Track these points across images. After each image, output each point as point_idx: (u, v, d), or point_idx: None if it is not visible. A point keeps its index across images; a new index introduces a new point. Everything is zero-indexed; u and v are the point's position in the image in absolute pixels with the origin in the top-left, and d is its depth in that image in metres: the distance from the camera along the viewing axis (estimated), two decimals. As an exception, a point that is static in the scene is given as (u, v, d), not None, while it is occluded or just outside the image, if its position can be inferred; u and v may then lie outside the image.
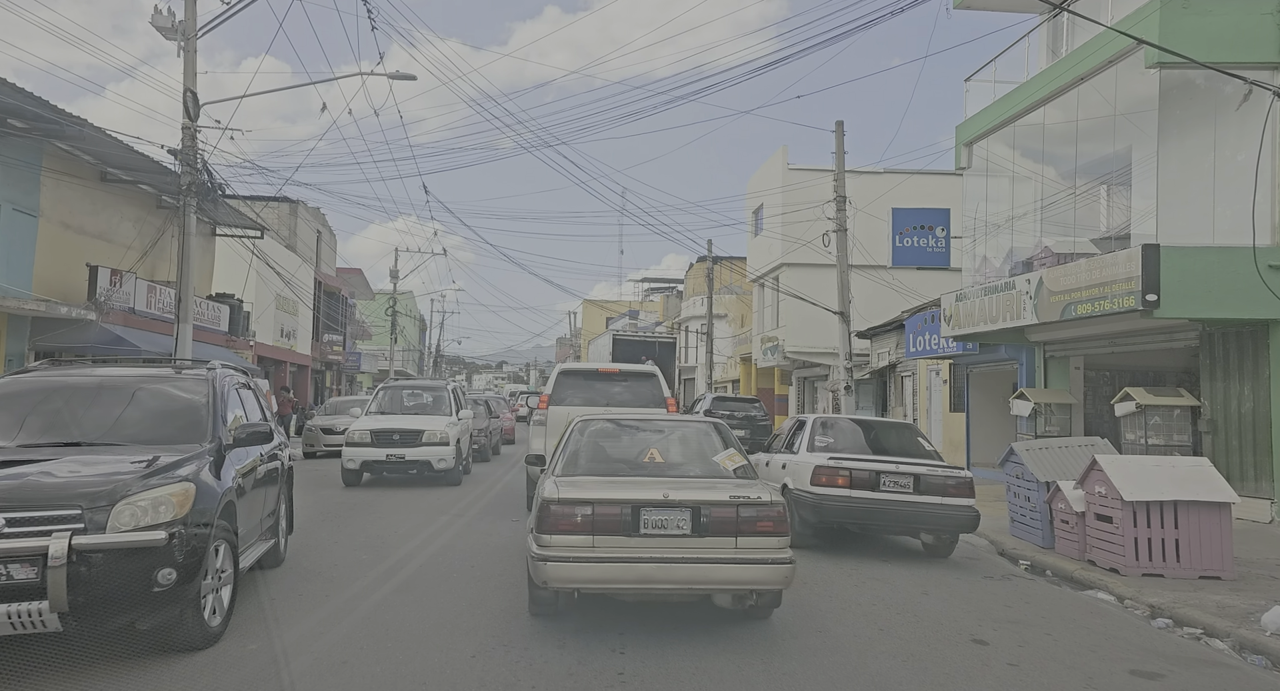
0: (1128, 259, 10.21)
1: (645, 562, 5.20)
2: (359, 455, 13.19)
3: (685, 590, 5.37)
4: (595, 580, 5.27)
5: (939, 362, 20.60)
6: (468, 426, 15.48)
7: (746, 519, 5.32)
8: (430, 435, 13.39)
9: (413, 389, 15.79)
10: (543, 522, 5.35)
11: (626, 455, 6.30)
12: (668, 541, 5.28)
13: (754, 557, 5.28)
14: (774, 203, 27.97)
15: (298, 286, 29.33)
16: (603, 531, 5.28)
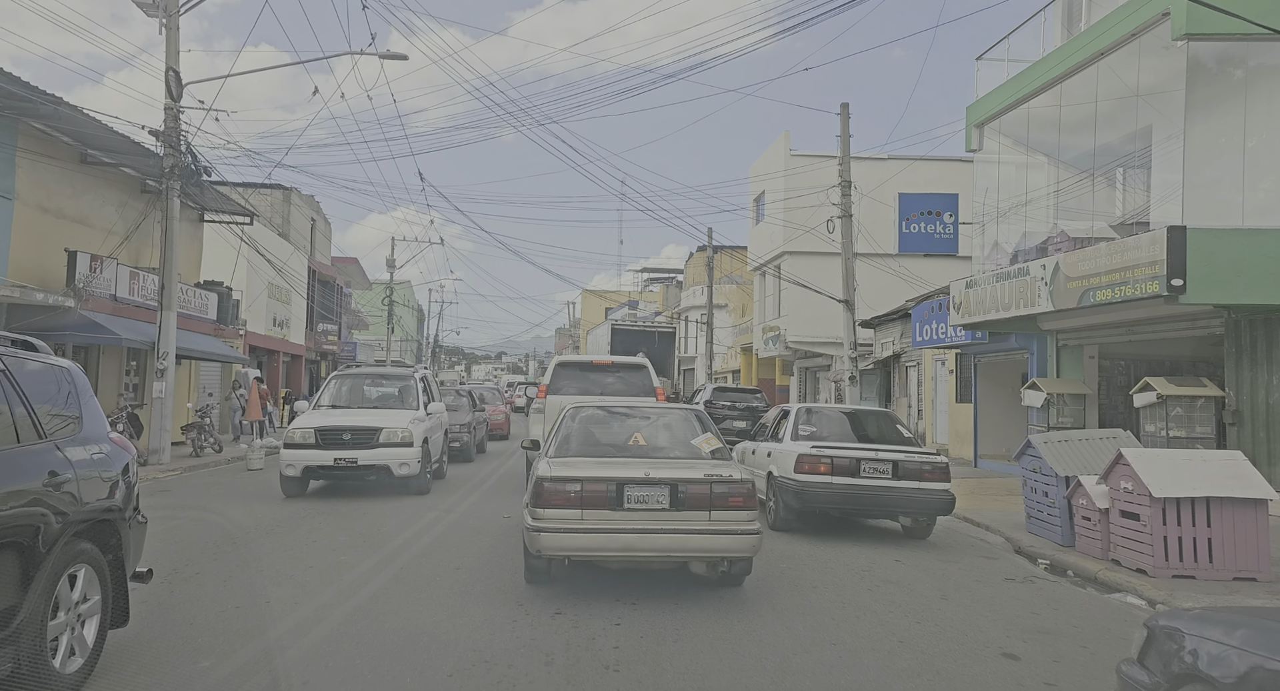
0: (1151, 242, 9.69)
1: (628, 533, 5.85)
2: (300, 459, 10.84)
3: (664, 557, 6.04)
4: (583, 548, 5.93)
5: (945, 352, 20.09)
6: (440, 421, 13.29)
7: (719, 494, 5.96)
8: (389, 434, 10.99)
9: (373, 377, 13.19)
10: (537, 498, 5.97)
11: (614, 438, 6.95)
12: (648, 514, 5.92)
13: (725, 529, 5.94)
14: (776, 189, 27.40)
15: (291, 275, 28.77)
16: (590, 505, 5.91)
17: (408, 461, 10.97)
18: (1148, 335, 12.21)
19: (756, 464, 10.58)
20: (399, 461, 10.92)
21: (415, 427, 11.27)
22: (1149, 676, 3.20)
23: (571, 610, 5.73)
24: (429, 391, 13.12)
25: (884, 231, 21.73)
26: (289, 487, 11.01)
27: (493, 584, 6.44)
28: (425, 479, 11.41)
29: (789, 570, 7.37)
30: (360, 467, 10.88)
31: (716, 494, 5.96)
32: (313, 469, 10.88)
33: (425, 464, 11.39)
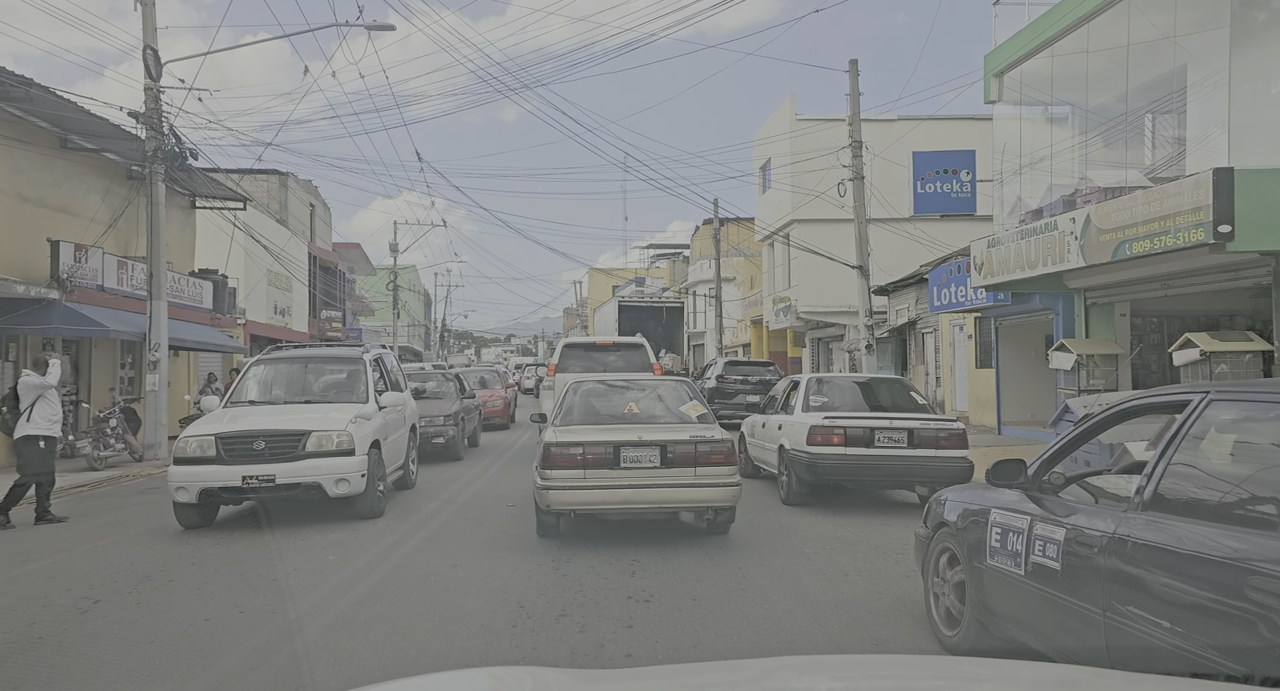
0: (1195, 186, 8.95)
1: (625, 488, 6.79)
2: (195, 479, 7.85)
3: (657, 508, 7.11)
4: (586, 503, 6.88)
5: (963, 317, 19.39)
6: (403, 416, 10.34)
7: (703, 453, 6.86)
8: (321, 439, 8.08)
9: (308, 362, 10.02)
10: (546, 461, 6.86)
11: (611, 408, 7.83)
12: (642, 472, 6.82)
13: (709, 482, 6.88)
14: (782, 156, 26.55)
15: (290, 261, 28.21)
16: (592, 466, 6.80)
17: (347, 475, 8.07)
18: (1186, 289, 11.49)
19: (767, 437, 10.47)
20: (335, 475, 8.01)
21: (359, 429, 8.38)
22: (925, 530, 4.85)
23: (578, 613, 5.17)
24: (388, 378, 10.17)
25: (897, 194, 20.94)
26: (185, 517, 8.04)
27: None
28: (375, 497, 8.44)
29: (816, 554, 6.79)
30: (280, 487, 7.93)
31: (701, 452, 6.87)
32: (214, 491, 7.92)
33: (376, 476, 8.48)
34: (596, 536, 7.41)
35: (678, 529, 7.78)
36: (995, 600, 4.03)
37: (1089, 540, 3.38)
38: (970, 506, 4.39)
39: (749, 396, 19.51)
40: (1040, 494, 3.91)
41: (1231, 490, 3.12)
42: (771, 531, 7.77)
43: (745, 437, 11.82)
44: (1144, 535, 3.12)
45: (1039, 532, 3.71)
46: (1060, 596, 3.48)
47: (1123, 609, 3.13)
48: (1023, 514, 3.87)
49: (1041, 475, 3.98)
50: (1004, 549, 3.93)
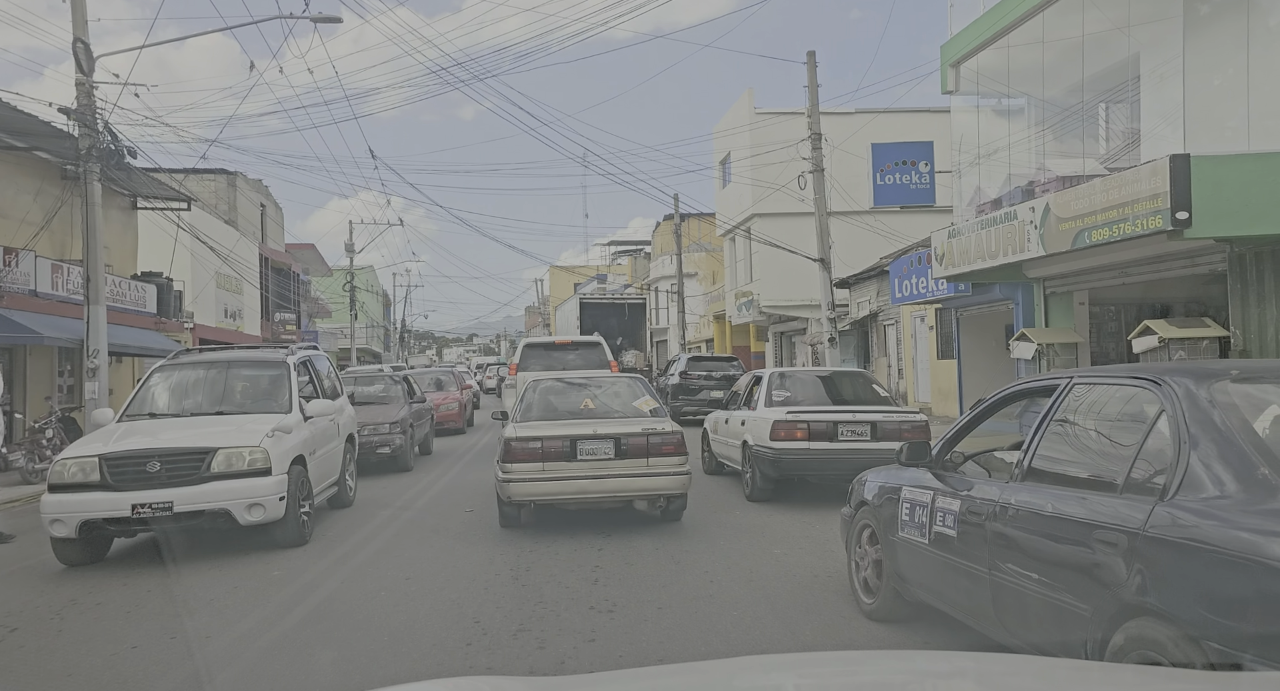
0: (1152, 173, 8.95)
1: (582, 479, 7.16)
2: (75, 509, 6.57)
3: (612, 497, 7.40)
4: (546, 494, 7.21)
5: (924, 308, 19.45)
6: (335, 427, 9.00)
7: (655, 444, 7.25)
8: (230, 458, 6.83)
9: (220, 367, 8.58)
10: (506, 455, 7.25)
11: (569, 404, 8.15)
12: (598, 463, 7.19)
13: (661, 472, 7.27)
14: (742, 149, 26.46)
15: (240, 263, 27.37)
16: (550, 459, 7.15)
17: (262, 499, 6.82)
18: (1143, 277, 11.56)
19: (730, 433, 10.15)
20: (247, 500, 6.77)
21: (277, 444, 7.15)
22: (849, 509, 5.26)
23: (537, 627, 4.89)
24: (318, 383, 9.05)
25: (857, 187, 20.97)
26: (65, 553, 6.81)
27: None
28: (297, 523, 7.22)
29: (784, 555, 6.60)
30: (180, 517, 6.66)
31: (653, 443, 7.27)
32: (97, 523, 6.61)
33: (299, 498, 7.29)
34: (558, 541, 7.14)
35: (642, 531, 7.53)
36: (905, 568, 4.47)
37: (979, 508, 3.81)
38: (885, 485, 4.84)
39: (713, 392, 19.36)
40: (943, 471, 4.33)
41: (1086, 460, 3.57)
42: (738, 531, 7.57)
43: (708, 434, 11.67)
44: (1019, 501, 3.55)
45: (940, 505, 4.14)
46: (956, 560, 3.93)
47: (1003, 566, 3.56)
48: (927, 489, 4.29)
49: (944, 454, 4.40)
50: (912, 521, 4.38)
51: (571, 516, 8.05)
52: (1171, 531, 2.77)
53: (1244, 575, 2.50)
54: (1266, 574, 2.42)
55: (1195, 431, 2.90)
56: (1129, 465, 3.14)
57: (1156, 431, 3.11)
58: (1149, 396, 3.21)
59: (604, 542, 7.06)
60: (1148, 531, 2.84)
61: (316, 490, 7.99)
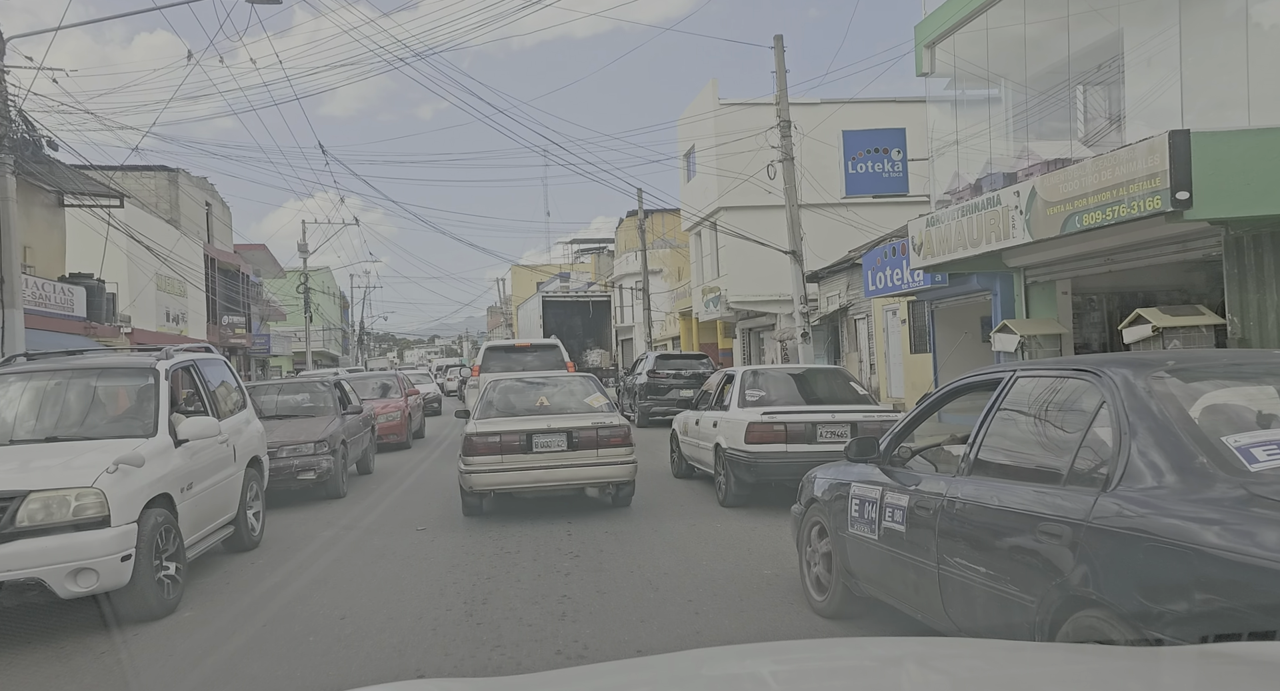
0: (1150, 152, 8.41)
1: (538, 469, 7.81)
2: None
3: (566, 485, 8.13)
4: (504, 483, 7.88)
5: (896, 301, 18.97)
6: (229, 449, 7.08)
7: (604, 436, 7.93)
8: (48, 505, 5.00)
9: (69, 376, 6.59)
10: (467, 449, 7.91)
11: (525, 402, 8.69)
12: (551, 455, 7.82)
13: (609, 461, 7.95)
14: (707, 142, 25.80)
15: (182, 264, 25.98)
16: (508, 451, 7.77)
17: (94, 562, 4.95)
18: (1130, 264, 11.09)
19: (701, 435, 9.76)
20: (70, 564, 4.89)
21: (122, 483, 5.25)
22: (799, 506, 5.21)
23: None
24: (205, 395, 7.08)
25: (827, 178, 20.45)
26: None
27: None
28: (155, 588, 5.36)
29: (776, 577, 5.88)
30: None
31: (601, 436, 7.96)
32: None
33: (156, 554, 5.45)
34: (520, 562, 6.35)
35: (613, 548, 6.78)
36: (855, 564, 4.45)
37: (926, 503, 3.80)
38: (835, 482, 4.79)
39: (683, 391, 18.66)
40: (891, 466, 4.32)
41: (1029, 452, 3.58)
42: (720, 546, 6.86)
43: (677, 436, 11.07)
44: (965, 494, 3.55)
45: (888, 501, 4.13)
46: (905, 555, 3.92)
47: (951, 560, 3.55)
48: (876, 485, 4.27)
49: (892, 450, 4.37)
50: (862, 518, 4.35)
51: (534, 528, 7.31)
52: (1114, 522, 2.78)
53: (1183, 563, 2.52)
54: (1203, 560, 2.46)
55: (1134, 421, 2.91)
56: (1072, 457, 3.16)
57: (1098, 422, 3.11)
58: (1089, 388, 3.21)
59: (571, 565, 6.28)
60: (1091, 522, 2.84)
61: (197, 536, 6.17)
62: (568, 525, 7.80)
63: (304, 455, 9.76)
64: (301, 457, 9.70)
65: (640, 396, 18.97)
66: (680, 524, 7.85)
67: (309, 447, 9.86)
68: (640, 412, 18.96)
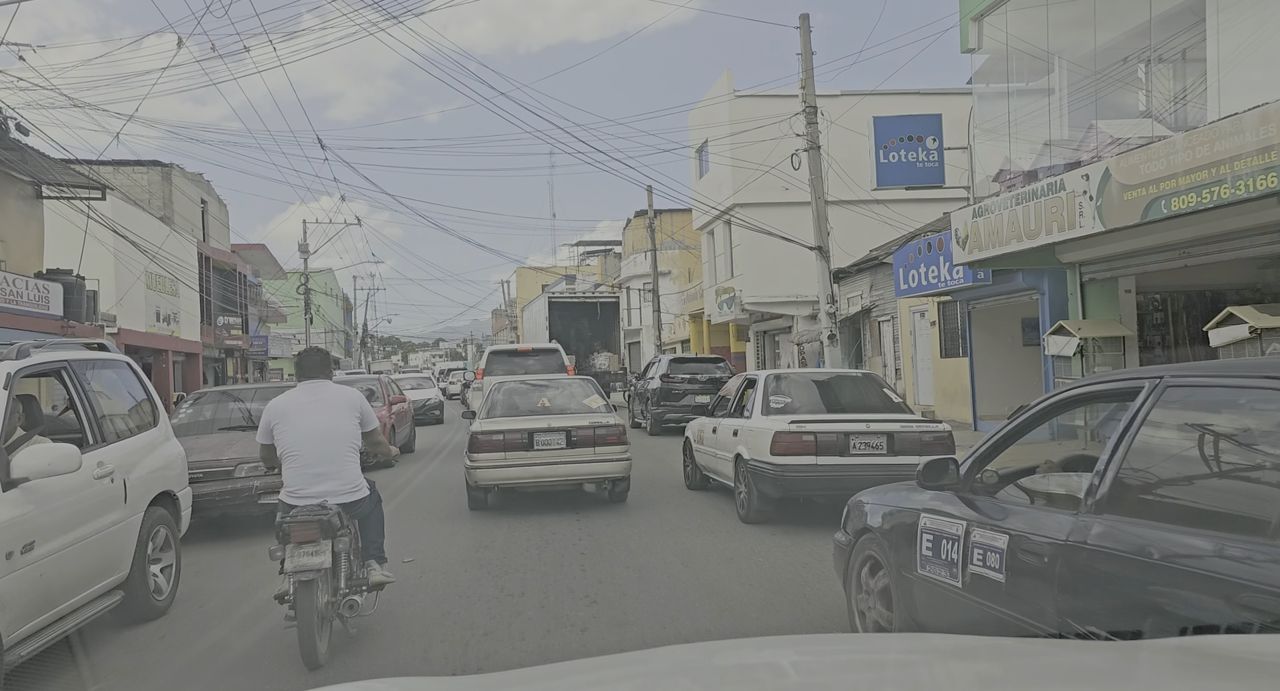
0: (1262, 121, 7.23)
1: (538, 465, 8.52)
2: None
3: (565, 480, 8.75)
4: (507, 479, 8.58)
5: (925, 302, 17.78)
6: (106, 491, 5.01)
7: (600, 435, 8.58)
8: None
9: None
10: (473, 446, 8.60)
11: (528, 403, 9.17)
12: (551, 452, 8.52)
13: (605, 459, 8.60)
14: (721, 132, 24.65)
15: (174, 262, 24.90)
16: (511, 449, 8.47)
17: None
18: (1210, 258, 9.89)
19: (719, 445, 9.09)
20: None
21: None
22: (845, 536, 4.48)
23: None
24: (85, 409, 5.23)
25: (847, 173, 19.26)
26: None
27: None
28: None
29: (822, 616, 4.68)
30: None
31: (598, 435, 8.39)
32: None
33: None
34: (527, 594, 5.19)
35: (636, 581, 5.62)
36: (928, 614, 3.70)
37: (1037, 547, 3.07)
38: (896, 510, 4.04)
39: (698, 397, 17.46)
40: (973, 495, 3.60)
41: (1201, 488, 2.88)
42: (750, 573, 5.86)
43: (691, 444, 10.17)
44: (1102, 541, 2.80)
45: (978, 540, 3.36)
46: (1004, 611, 3.20)
47: (1081, 627, 2.81)
48: (957, 518, 3.54)
49: (974, 474, 3.68)
50: (937, 557, 3.59)
51: (547, 552, 6.15)
52: None
53: None
54: None
55: None
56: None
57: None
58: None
59: (588, 617, 5.08)
60: None
61: (42, 619, 4.25)
62: (581, 558, 6.63)
63: (266, 474, 7.66)
64: (264, 477, 7.78)
65: (653, 402, 17.77)
66: (703, 543, 7.11)
67: (249, 481, 7.83)
68: (653, 419, 17.77)
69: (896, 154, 14.56)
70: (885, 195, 18.07)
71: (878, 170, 14.57)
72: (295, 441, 4.65)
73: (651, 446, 15.65)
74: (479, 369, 14.52)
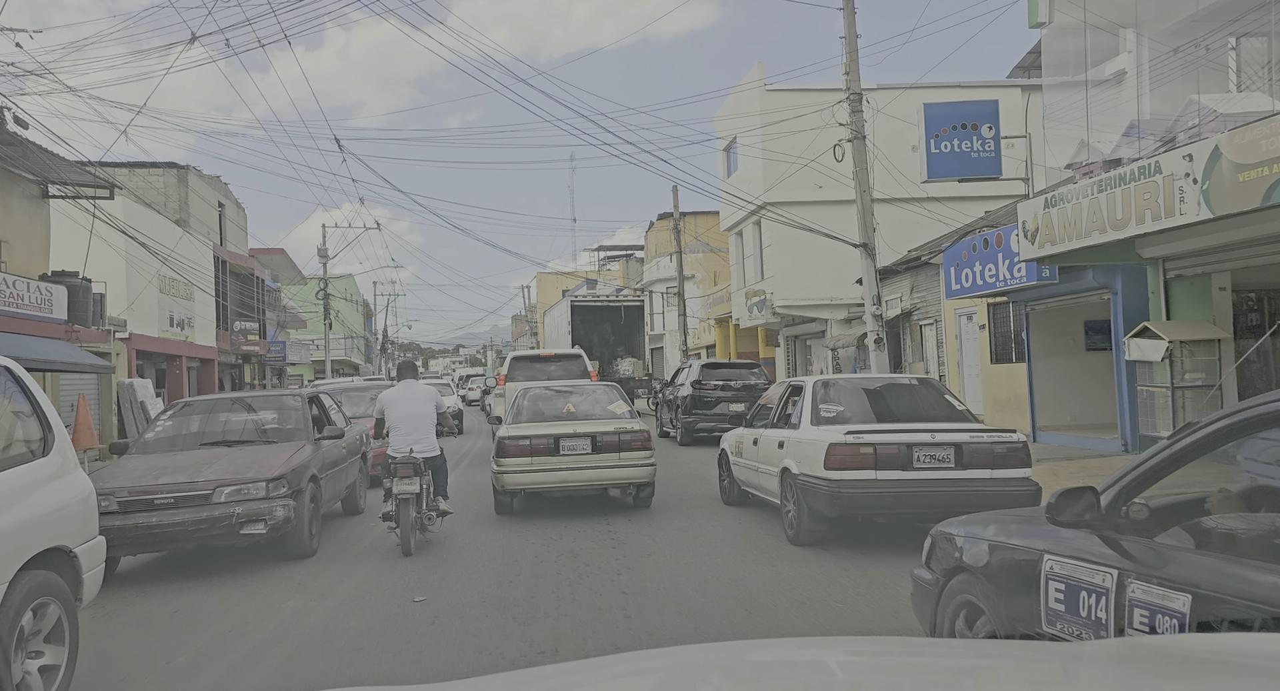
0: None
1: (564, 470, 8.54)
2: None
3: (590, 485, 8.84)
4: (533, 483, 8.60)
5: (974, 304, 16.65)
6: None
7: (625, 441, 8.60)
8: None
9: None
10: (500, 451, 8.64)
11: (553, 409, 9.42)
12: (577, 457, 8.53)
13: (630, 464, 8.61)
14: (751, 128, 23.63)
15: (189, 266, 24.26)
16: (537, 454, 8.51)
17: None
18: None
19: (761, 458, 8.29)
20: None
21: None
22: (931, 574, 3.72)
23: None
24: None
25: (893, 167, 18.19)
26: None
27: None
28: None
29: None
30: None
31: (623, 440, 8.61)
32: None
33: None
34: (554, 629, 4.17)
35: (696, 634, 4.61)
36: None
37: (1239, 614, 2.31)
38: (1002, 547, 3.27)
39: (733, 405, 16.42)
40: (1117, 535, 2.81)
41: None
42: (826, 619, 4.72)
43: (728, 457, 9.45)
44: None
45: (1138, 596, 2.58)
46: None
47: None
48: (1102, 567, 2.74)
49: (1118, 509, 2.85)
50: (1072, 613, 2.83)
51: (581, 589, 5.19)
52: None
53: None
54: None
55: None
56: None
57: None
58: None
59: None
60: None
61: None
62: (623, 599, 5.62)
63: (250, 498, 6.74)
64: (247, 503, 6.69)
65: (683, 410, 16.74)
66: (751, 569, 6.39)
67: (259, 489, 6.78)
68: (683, 429, 16.73)
69: (949, 143, 13.46)
70: (932, 189, 16.94)
71: (928, 161, 13.48)
72: (397, 419, 7.44)
73: (683, 458, 14.62)
74: (500, 374, 14.42)
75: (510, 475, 8.47)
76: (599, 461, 8.46)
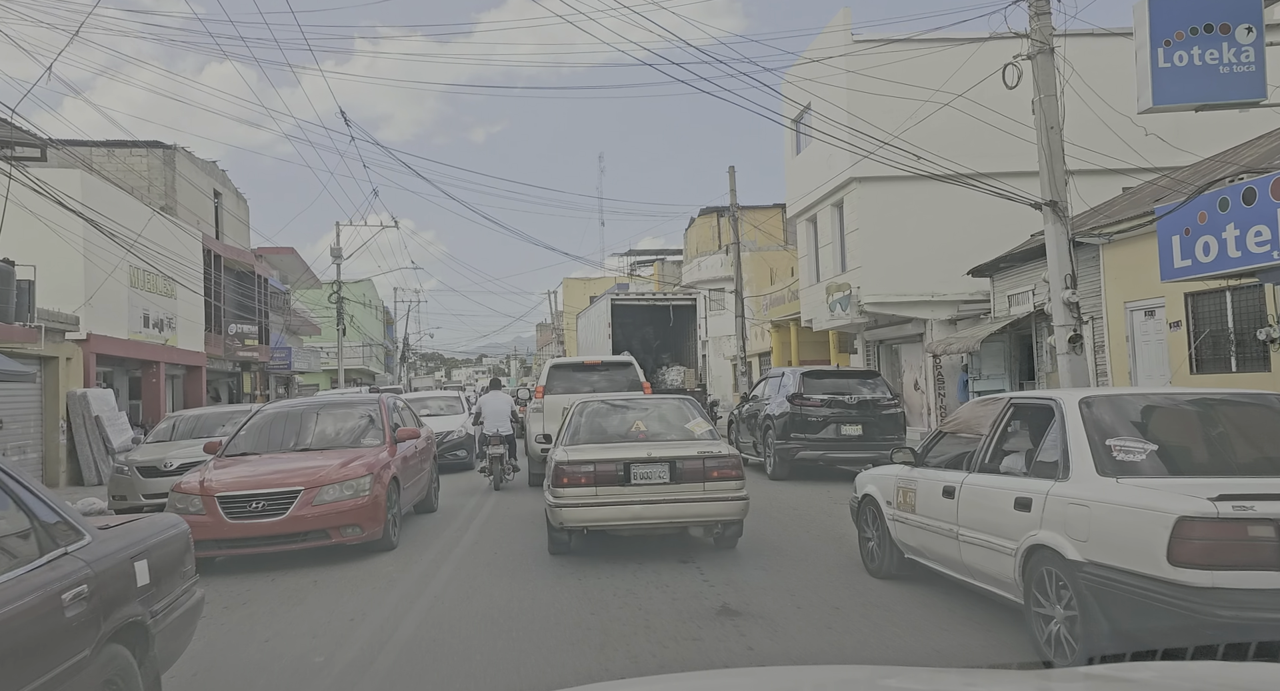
0: None
1: (636, 504, 7.21)
2: None
3: (667, 523, 7.47)
4: (598, 519, 7.30)
5: (1158, 295, 12.47)
6: None
7: (710, 468, 7.30)
8: None
9: None
10: (557, 479, 7.33)
11: (618, 427, 8.17)
12: (652, 488, 7.24)
13: (717, 497, 7.27)
14: (832, 95, 19.52)
15: (172, 259, 20.51)
16: (603, 483, 7.24)
17: None
18: None
19: (965, 521, 5.36)
20: None
21: None
22: None
23: None
24: None
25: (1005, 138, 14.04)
26: None
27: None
28: None
29: None
30: None
31: (708, 467, 7.27)
32: None
33: None
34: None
35: None
36: None
37: None
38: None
39: (845, 426, 12.28)
40: None
41: None
42: None
43: (876, 505, 6.62)
44: None
45: None
46: None
47: None
48: None
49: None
50: None
51: None
52: None
53: None
54: None
55: None
56: None
57: None
58: None
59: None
60: None
61: None
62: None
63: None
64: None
65: (777, 433, 12.59)
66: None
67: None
68: (777, 457, 12.59)
69: (1184, 53, 9.28)
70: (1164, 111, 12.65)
71: (1154, 79, 9.30)
72: (489, 414, 12.95)
73: (781, 497, 10.59)
74: (539, 386, 12.70)
75: (570, 509, 7.24)
76: (679, 493, 7.19)
